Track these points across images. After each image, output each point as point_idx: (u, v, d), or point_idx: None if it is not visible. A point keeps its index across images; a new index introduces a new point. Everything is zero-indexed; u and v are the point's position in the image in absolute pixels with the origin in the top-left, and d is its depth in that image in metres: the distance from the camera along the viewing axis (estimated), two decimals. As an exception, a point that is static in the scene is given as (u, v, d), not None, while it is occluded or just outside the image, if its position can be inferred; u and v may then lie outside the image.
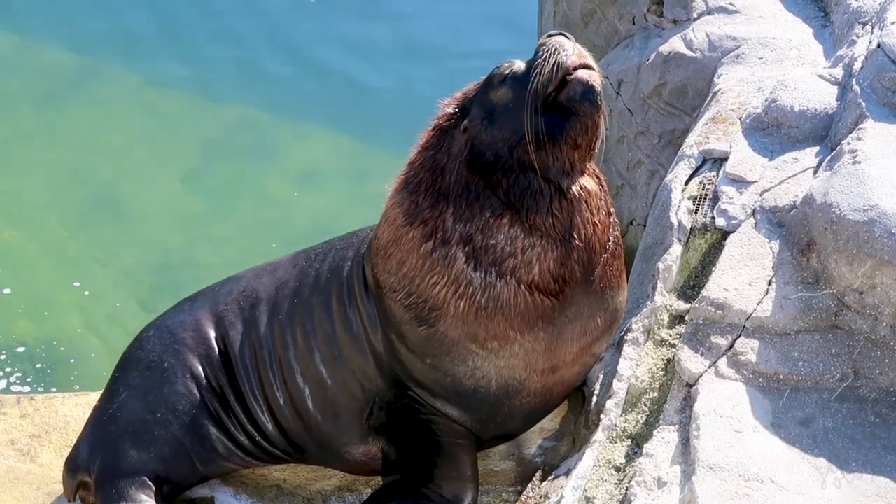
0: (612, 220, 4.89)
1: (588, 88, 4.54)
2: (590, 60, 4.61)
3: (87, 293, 9.56)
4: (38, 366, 8.94)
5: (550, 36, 4.62)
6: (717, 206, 5.44)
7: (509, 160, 4.63)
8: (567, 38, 4.61)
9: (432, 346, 4.87)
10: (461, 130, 4.73)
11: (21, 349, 9.07)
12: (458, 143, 4.73)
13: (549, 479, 5.08)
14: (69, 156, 10.91)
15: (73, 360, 8.96)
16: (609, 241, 4.86)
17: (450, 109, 4.82)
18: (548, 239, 4.67)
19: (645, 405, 4.93)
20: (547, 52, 4.55)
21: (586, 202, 4.73)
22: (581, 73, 4.54)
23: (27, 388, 8.64)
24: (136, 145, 11.06)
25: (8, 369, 8.87)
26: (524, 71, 4.62)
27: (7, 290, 9.52)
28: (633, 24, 7.53)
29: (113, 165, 10.84)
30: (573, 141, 4.61)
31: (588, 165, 4.76)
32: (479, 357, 4.83)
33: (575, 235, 4.71)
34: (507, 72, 4.68)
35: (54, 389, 8.22)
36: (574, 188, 4.70)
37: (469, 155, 4.69)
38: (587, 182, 4.75)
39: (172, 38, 12.24)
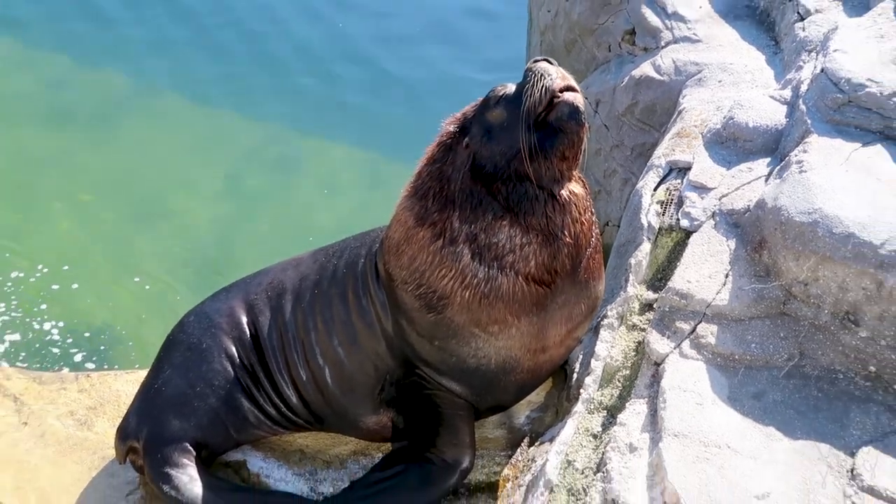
0: (594, 218, 4.91)
1: (574, 109, 4.57)
2: (572, 81, 4.63)
3: (147, 287, 9.62)
4: (102, 347, 9.03)
5: (536, 62, 4.63)
6: (681, 210, 5.43)
7: (507, 171, 4.65)
8: (551, 63, 4.62)
9: (440, 331, 4.89)
10: (463, 146, 4.74)
11: (87, 334, 9.14)
12: (461, 157, 4.74)
13: (536, 445, 5.08)
14: (124, 165, 10.94)
15: (130, 343, 9.04)
16: (593, 237, 4.89)
17: (452, 128, 4.83)
18: (542, 237, 4.70)
19: (618, 381, 4.93)
20: (534, 76, 4.56)
21: (575, 204, 4.76)
22: (567, 96, 4.56)
23: (92, 366, 8.73)
24: (182, 157, 11.09)
25: (74, 350, 8.95)
26: (515, 93, 4.63)
27: (75, 286, 9.56)
28: (609, 51, 7.53)
29: (161, 175, 10.88)
30: (562, 153, 4.64)
31: (574, 173, 4.78)
32: (482, 339, 4.85)
33: (566, 233, 4.74)
34: (500, 94, 4.69)
35: (116, 367, 8.28)
36: (564, 193, 4.72)
37: (471, 167, 4.71)
38: (574, 187, 4.78)
39: (214, 63, 12.26)
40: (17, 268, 9.71)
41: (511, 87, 4.70)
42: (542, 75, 4.57)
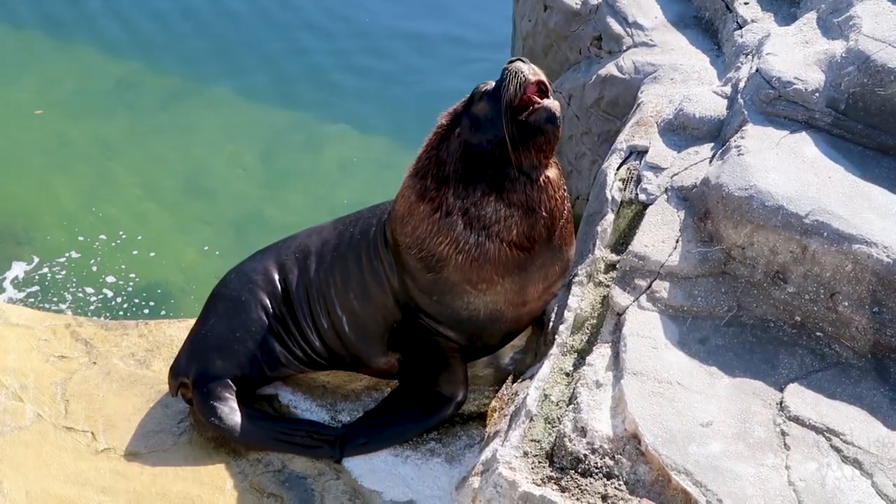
0: (566, 195, 4.90)
1: (551, 115, 4.57)
2: (542, 76, 4.62)
3: (216, 252, 9.64)
4: (172, 301, 9.08)
5: (512, 61, 4.61)
6: (639, 186, 5.41)
7: (492, 156, 4.63)
8: (524, 61, 4.60)
9: (438, 287, 4.88)
10: (455, 135, 4.73)
11: (160, 290, 9.19)
12: (453, 144, 4.72)
13: (518, 381, 5.06)
14: (180, 147, 10.94)
15: (192, 297, 9.04)
16: (565, 210, 4.87)
17: (445, 121, 4.82)
18: (522, 210, 4.69)
19: (587, 328, 4.91)
20: (510, 74, 4.55)
21: (550, 185, 4.75)
22: (546, 102, 4.57)
23: (163, 314, 8.79)
24: (225, 140, 11.07)
25: (146, 299, 9.00)
26: (495, 89, 4.62)
27: (153, 254, 9.57)
28: (580, 54, 7.48)
29: (210, 156, 10.87)
30: (539, 147, 4.63)
31: (550, 159, 4.77)
32: (472, 295, 4.84)
33: (542, 208, 4.73)
34: (483, 90, 4.68)
35: (182, 314, 8.31)
36: (541, 177, 4.71)
37: (462, 153, 4.69)
38: (550, 171, 4.77)
39: (249, 61, 12.25)
40: (102, 231, 9.73)
41: (492, 84, 4.68)
42: (516, 73, 4.54)
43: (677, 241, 4.98)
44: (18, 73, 11.74)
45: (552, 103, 4.59)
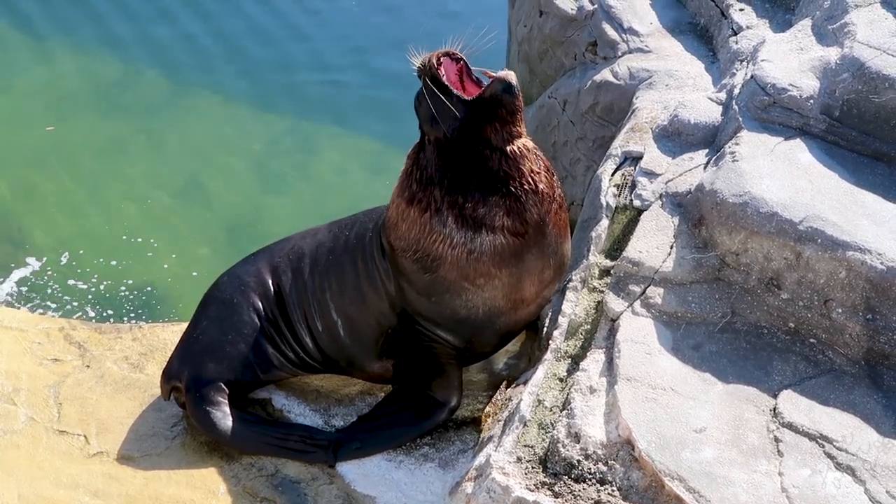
0: (554, 178, 4.94)
1: (507, 84, 4.63)
2: (450, 50, 4.79)
3: (209, 256, 9.63)
4: (165, 305, 9.10)
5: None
6: (634, 192, 5.42)
7: (462, 141, 4.70)
8: (430, 53, 4.74)
9: (435, 288, 4.90)
10: (427, 142, 4.80)
11: (153, 294, 9.22)
12: (429, 149, 4.79)
13: (512, 387, 5.07)
14: (170, 152, 10.92)
15: (185, 301, 9.01)
16: (555, 193, 4.89)
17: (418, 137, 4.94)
18: (508, 193, 4.72)
19: (581, 334, 4.92)
20: (421, 66, 4.72)
21: (524, 155, 4.78)
22: (500, 74, 4.65)
23: (156, 317, 8.81)
24: (216, 144, 11.06)
25: (140, 302, 9.05)
26: (420, 88, 4.76)
27: (146, 258, 9.56)
28: (575, 59, 7.50)
29: (200, 161, 10.84)
30: (503, 118, 4.67)
31: (521, 131, 4.80)
32: (470, 292, 4.86)
33: (524, 183, 4.75)
34: (416, 95, 4.81)
35: (176, 318, 8.31)
36: (514, 148, 4.74)
37: (438, 152, 4.76)
38: (523, 142, 4.80)
39: (242, 65, 12.26)
40: (96, 235, 9.73)
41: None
42: (420, 62, 4.72)
43: (671, 247, 5.00)
44: (10, 77, 11.72)
45: (506, 73, 4.66)
